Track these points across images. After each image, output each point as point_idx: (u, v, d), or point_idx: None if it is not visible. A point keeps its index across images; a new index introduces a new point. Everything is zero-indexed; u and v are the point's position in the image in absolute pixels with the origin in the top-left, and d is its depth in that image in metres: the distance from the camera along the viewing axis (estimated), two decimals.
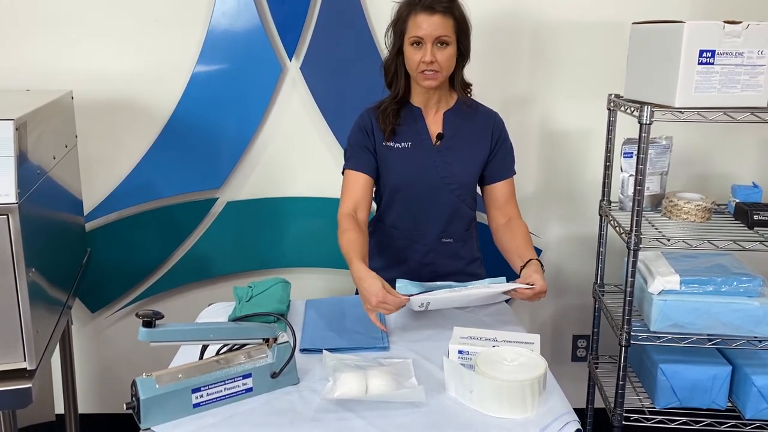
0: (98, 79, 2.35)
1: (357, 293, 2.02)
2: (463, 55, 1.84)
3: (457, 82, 1.87)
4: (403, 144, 1.87)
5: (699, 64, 1.76)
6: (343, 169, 1.90)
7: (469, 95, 1.92)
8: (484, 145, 1.90)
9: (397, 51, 1.82)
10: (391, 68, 1.86)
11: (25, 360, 1.48)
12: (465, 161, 1.89)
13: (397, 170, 1.88)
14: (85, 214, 2.37)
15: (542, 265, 1.71)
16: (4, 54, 2.33)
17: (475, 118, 1.91)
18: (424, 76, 1.78)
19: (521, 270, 1.72)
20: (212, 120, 2.39)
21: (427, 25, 1.74)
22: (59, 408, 2.38)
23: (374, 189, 1.93)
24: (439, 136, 1.88)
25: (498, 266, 1.89)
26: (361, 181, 1.86)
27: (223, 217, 2.49)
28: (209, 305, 1.90)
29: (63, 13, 2.31)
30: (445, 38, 1.76)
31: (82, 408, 2.53)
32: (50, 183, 1.76)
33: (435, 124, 1.89)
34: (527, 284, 1.63)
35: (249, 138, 2.42)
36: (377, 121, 1.88)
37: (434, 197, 1.89)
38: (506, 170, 1.93)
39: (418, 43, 1.76)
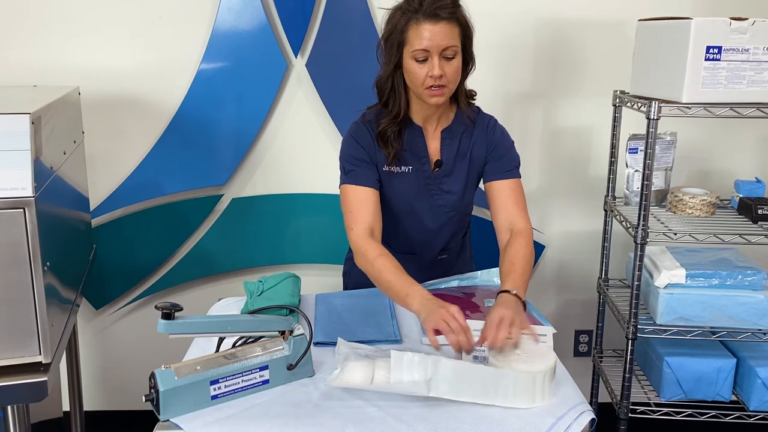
0: (103, 75, 2.35)
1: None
2: (466, 63, 1.67)
3: (461, 93, 1.71)
4: (404, 169, 1.75)
5: (706, 60, 1.78)
6: (342, 184, 1.73)
7: (472, 106, 1.78)
8: (480, 161, 1.78)
9: (395, 65, 1.64)
10: (388, 85, 1.68)
11: (40, 354, 1.48)
12: (462, 186, 1.78)
13: (396, 197, 1.77)
14: (90, 211, 2.37)
15: (514, 294, 1.53)
16: (11, 50, 2.32)
17: (472, 132, 1.77)
18: (431, 93, 1.61)
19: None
20: (217, 117, 2.39)
21: (432, 35, 1.55)
22: (65, 405, 2.38)
23: None
24: (438, 164, 1.76)
25: (491, 258, 1.83)
26: (372, 198, 1.69)
27: (228, 213, 2.50)
28: (219, 300, 1.90)
29: (68, 9, 2.31)
30: (453, 48, 1.58)
31: (86, 405, 2.52)
32: (61, 178, 1.76)
33: (434, 145, 1.76)
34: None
35: (254, 135, 2.42)
36: (377, 141, 1.72)
37: (432, 224, 1.82)
38: (502, 171, 1.75)
39: (424, 57, 1.59)
